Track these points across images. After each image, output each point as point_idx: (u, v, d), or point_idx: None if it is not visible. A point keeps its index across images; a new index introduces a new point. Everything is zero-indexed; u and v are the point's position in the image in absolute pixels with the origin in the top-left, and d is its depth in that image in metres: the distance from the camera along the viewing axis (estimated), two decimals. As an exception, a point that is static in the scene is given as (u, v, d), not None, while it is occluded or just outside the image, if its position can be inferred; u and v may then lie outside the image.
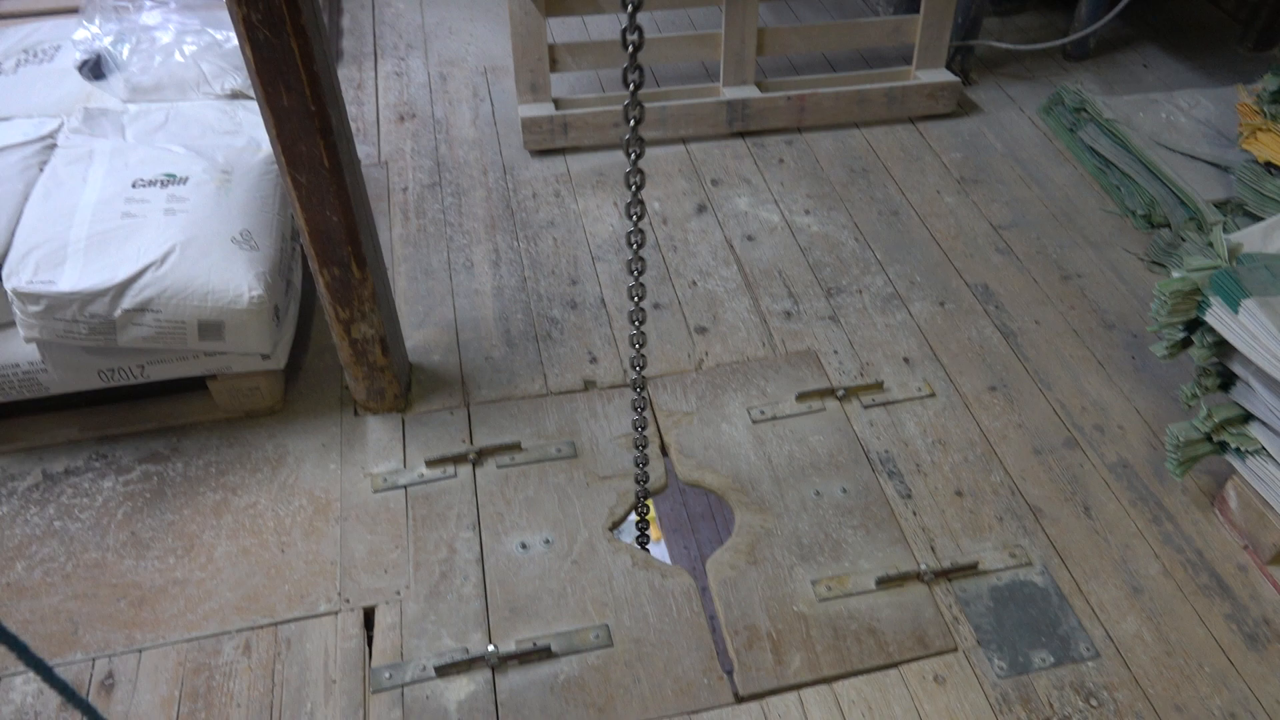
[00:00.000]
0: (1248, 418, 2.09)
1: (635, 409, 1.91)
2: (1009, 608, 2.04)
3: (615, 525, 2.21)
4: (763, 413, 2.43)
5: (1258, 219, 2.68)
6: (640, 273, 1.65)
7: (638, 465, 2.03)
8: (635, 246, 1.62)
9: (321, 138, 1.89)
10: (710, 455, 2.34)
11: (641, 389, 1.85)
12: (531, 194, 3.21)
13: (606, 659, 1.95)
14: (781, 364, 2.58)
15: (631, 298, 1.69)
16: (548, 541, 2.15)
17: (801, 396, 2.47)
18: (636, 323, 1.73)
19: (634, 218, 1.58)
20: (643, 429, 1.96)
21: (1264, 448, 2.04)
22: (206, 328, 2.18)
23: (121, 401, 2.41)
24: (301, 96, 1.82)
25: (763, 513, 2.21)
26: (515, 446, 2.33)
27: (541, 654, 1.94)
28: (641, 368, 1.81)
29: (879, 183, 3.26)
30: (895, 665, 1.94)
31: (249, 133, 2.65)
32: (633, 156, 1.50)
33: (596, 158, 3.36)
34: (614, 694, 1.89)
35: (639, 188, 1.54)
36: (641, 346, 1.76)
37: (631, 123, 1.47)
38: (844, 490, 2.26)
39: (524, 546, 2.14)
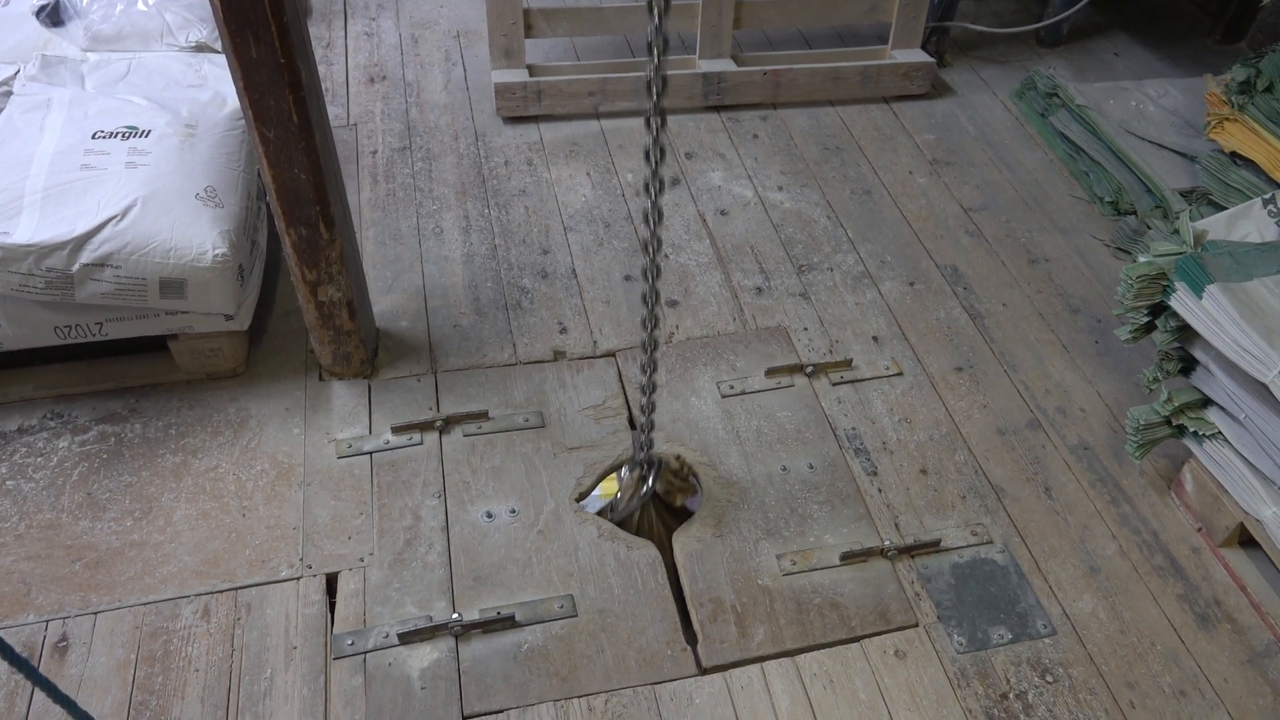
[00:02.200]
0: (1206, 402, 2.13)
1: (644, 391, 1.90)
2: (969, 585, 2.07)
3: (582, 496, 2.20)
4: (732, 387, 2.43)
5: (1222, 208, 2.72)
6: (657, 250, 1.64)
7: (642, 448, 2.03)
8: (653, 225, 1.61)
9: (291, 92, 1.84)
10: (679, 428, 2.34)
11: (652, 371, 1.86)
12: (503, 161, 3.16)
13: (570, 629, 1.94)
14: (752, 339, 2.58)
15: (646, 277, 1.68)
16: (513, 511, 2.14)
17: (771, 372, 2.47)
18: (650, 303, 1.72)
19: (653, 194, 1.57)
20: (650, 412, 1.95)
21: (1221, 432, 2.09)
22: (168, 285, 2.13)
23: (79, 360, 2.35)
24: (271, 48, 1.77)
25: (729, 487, 2.22)
26: (482, 415, 2.31)
27: (505, 623, 1.93)
28: (653, 350, 1.80)
29: (852, 161, 3.26)
30: (857, 639, 1.96)
31: (214, 87, 2.58)
32: (654, 129, 1.49)
33: (570, 126, 3.32)
34: (577, 664, 1.89)
35: (659, 162, 1.53)
36: (654, 329, 1.76)
37: (654, 94, 1.45)
38: (811, 466, 2.27)
39: (489, 515, 2.13)
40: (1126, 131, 3.14)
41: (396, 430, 2.27)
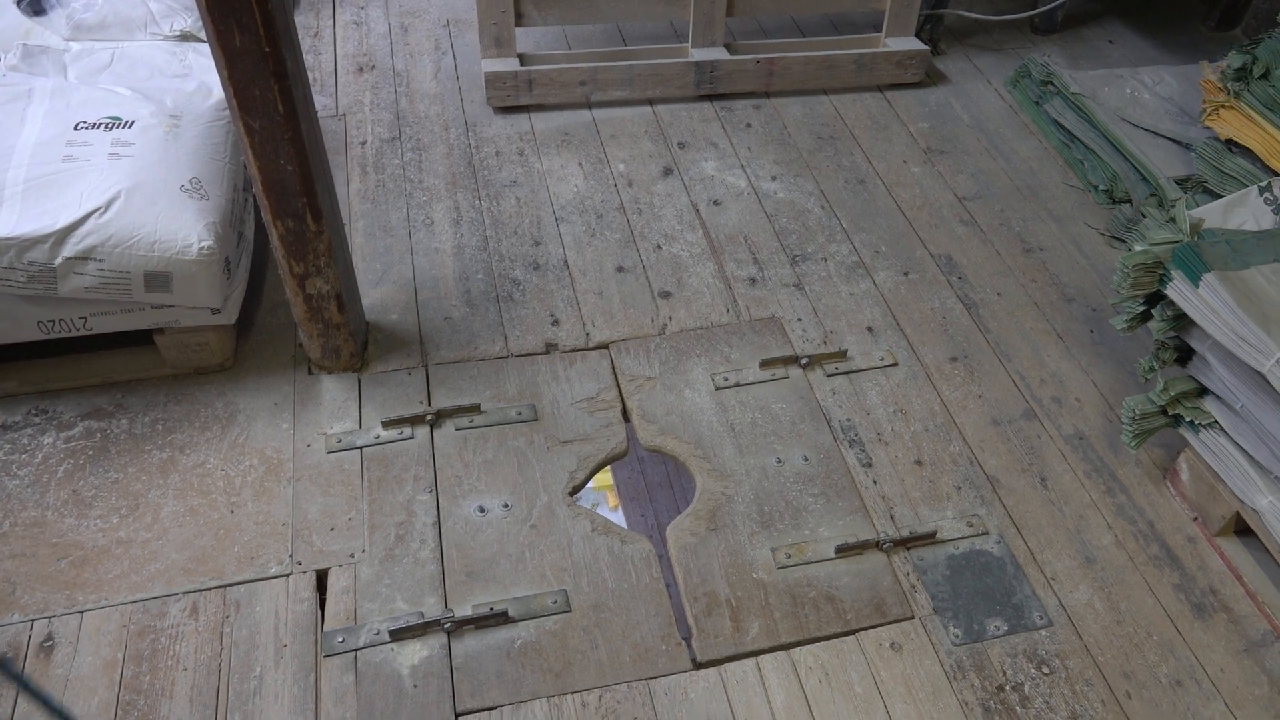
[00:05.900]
0: (1203, 392, 2.12)
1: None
2: (965, 576, 2.06)
3: (575, 490, 2.18)
4: (726, 379, 2.41)
5: (1217, 196, 2.71)
6: None
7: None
8: None
9: (276, 81, 1.81)
10: (673, 421, 2.32)
11: None
12: (494, 152, 3.13)
13: (564, 624, 1.93)
14: (745, 330, 2.56)
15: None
16: (506, 505, 2.12)
17: (765, 364, 2.45)
18: None
19: None
20: None
21: (1217, 421, 2.07)
22: (153, 279, 2.10)
23: (63, 355, 2.32)
24: (255, 36, 1.74)
25: (724, 479, 2.20)
26: (474, 409, 2.29)
27: (498, 618, 1.91)
28: None
29: (846, 150, 3.23)
30: (852, 632, 1.95)
31: (199, 76, 2.54)
32: None
33: (561, 116, 3.29)
34: (571, 659, 1.87)
35: None
36: None
37: None
38: (805, 458, 2.26)
39: (482, 510, 2.11)
40: (1121, 119, 3.12)
41: (387, 424, 2.25)
